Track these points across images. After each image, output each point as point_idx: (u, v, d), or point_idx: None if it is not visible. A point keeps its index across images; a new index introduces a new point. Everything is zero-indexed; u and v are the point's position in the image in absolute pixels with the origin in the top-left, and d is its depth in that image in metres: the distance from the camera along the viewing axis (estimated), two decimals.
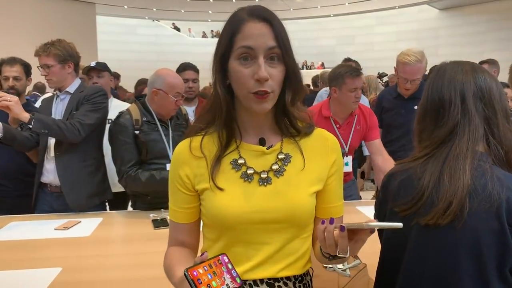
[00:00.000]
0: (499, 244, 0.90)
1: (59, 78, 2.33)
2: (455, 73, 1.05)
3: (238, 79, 0.89)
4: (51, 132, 2.15)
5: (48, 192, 2.37)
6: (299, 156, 0.98)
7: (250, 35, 0.87)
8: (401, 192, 1.04)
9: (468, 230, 0.92)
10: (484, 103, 1.01)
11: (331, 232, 0.82)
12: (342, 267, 1.41)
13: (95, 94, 2.32)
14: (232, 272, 0.82)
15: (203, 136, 0.98)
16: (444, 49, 15.90)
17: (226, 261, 0.83)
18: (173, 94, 2.24)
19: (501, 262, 0.91)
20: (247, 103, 0.91)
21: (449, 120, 1.02)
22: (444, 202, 0.93)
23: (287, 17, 18.71)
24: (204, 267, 0.78)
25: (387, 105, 2.86)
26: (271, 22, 0.88)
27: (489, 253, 0.91)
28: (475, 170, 0.94)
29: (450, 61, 1.12)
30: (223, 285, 0.79)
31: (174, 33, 21.14)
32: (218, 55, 0.92)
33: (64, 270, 1.59)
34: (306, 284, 1.03)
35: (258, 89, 0.87)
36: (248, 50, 0.87)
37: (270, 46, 0.87)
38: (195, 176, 0.97)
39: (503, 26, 15.08)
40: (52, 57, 2.29)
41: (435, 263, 0.98)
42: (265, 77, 0.86)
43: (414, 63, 2.54)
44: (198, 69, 3.15)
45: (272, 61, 0.88)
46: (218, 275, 0.79)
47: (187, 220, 1.02)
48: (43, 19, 9.74)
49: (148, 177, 2.15)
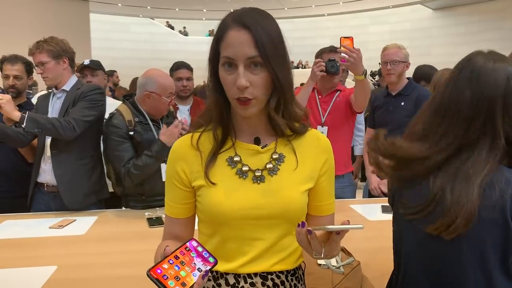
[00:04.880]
0: (502, 237, 0.91)
1: (54, 74, 2.29)
2: (488, 80, 0.96)
3: (224, 85, 0.92)
4: (45, 131, 2.13)
5: (45, 192, 2.35)
6: (292, 156, 1.00)
7: (231, 44, 0.88)
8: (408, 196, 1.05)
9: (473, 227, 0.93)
10: (510, 122, 0.95)
11: (304, 234, 0.85)
12: (336, 265, 1.43)
13: (92, 91, 2.30)
14: (203, 254, 0.82)
15: (201, 132, 1.00)
16: (437, 48, 16.02)
17: (195, 245, 0.82)
18: (166, 95, 2.23)
19: (504, 255, 0.92)
20: (234, 108, 0.94)
21: (470, 132, 0.96)
22: (450, 216, 0.92)
23: (281, 16, 18.74)
24: (169, 261, 0.78)
25: (378, 103, 2.93)
26: (251, 29, 0.88)
27: (493, 244, 0.92)
28: (485, 183, 0.92)
29: (485, 54, 1.01)
30: (194, 271, 0.78)
31: (168, 31, 21.07)
32: (209, 60, 0.95)
33: (59, 268, 1.59)
34: (298, 277, 1.06)
35: (239, 96, 0.89)
36: (230, 60, 0.89)
37: (250, 56, 0.88)
38: (192, 172, 0.99)
39: (495, 26, 15.22)
40: (46, 53, 2.25)
41: (438, 253, 0.99)
42: (242, 85, 0.87)
43: (392, 46, 2.79)
44: (192, 67, 3.14)
45: (255, 68, 0.89)
46: (187, 263, 0.79)
47: (182, 215, 1.03)
48: (35, 17, 9.66)
49: (143, 159, 2.16)
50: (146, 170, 2.19)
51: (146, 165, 2.16)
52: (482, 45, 1.24)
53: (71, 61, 2.36)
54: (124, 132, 2.19)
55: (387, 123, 2.80)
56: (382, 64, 2.80)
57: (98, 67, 3.11)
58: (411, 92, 2.76)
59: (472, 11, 16.19)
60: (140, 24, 20.16)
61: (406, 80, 2.84)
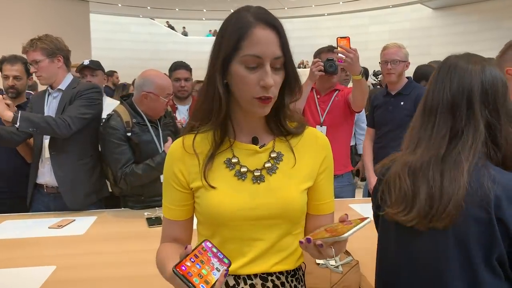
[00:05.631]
0: (486, 234, 0.93)
1: (49, 73, 2.25)
2: (464, 73, 1.03)
3: (242, 84, 0.90)
4: (39, 130, 2.09)
5: (45, 193, 2.33)
6: (290, 154, 1.00)
7: (258, 42, 0.87)
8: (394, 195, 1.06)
9: (458, 222, 0.95)
10: (489, 109, 1.01)
11: (312, 247, 0.86)
12: (335, 264, 1.43)
13: (89, 90, 2.27)
14: (219, 255, 0.84)
15: (195, 134, 0.99)
16: (436, 48, 16.00)
17: (210, 246, 0.84)
18: (164, 95, 2.23)
19: (488, 252, 0.94)
20: (249, 107, 0.92)
21: (457, 122, 1.01)
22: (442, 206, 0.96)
23: (281, 16, 18.65)
24: (190, 259, 0.79)
25: (378, 103, 2.93)
26: (278, 29, 0.89)
27: (477, 241, 0.94)
28: (472, 172, 0.96)
29: (460, 54, 1.09)
30: (213, 270, 0.80)
31: (167, 32, 21.07)
32: (220, 57, 0.91)
33: (58, 268, 1.59)
34: (298, 278, 1.05)
35: (263, 94, 0.89)
36: (256, 58, 0.88)
37: (277, 56, 0.88)
38: (190, 173, 0.98)
39: (495, 25, 15.22)
40: (40, 51, 2.21)
41: (424, 248, 1.02)
42: (271, 84, 0.88)
43: (392, 46, 2.79)
44: (190, 68, 3.13)
45: (276, 68, 0.90)
46: (206, 262, 0.81)
47: (181, 217, 1.03)
48: (35, 17, 9.65)
49: (144, 168, 2.16)
50: (144, 179, 2.20)
51: (145, 174, 2.17)
52: (482, 45, 1.27)
53: (66, 60, 2.33)
54: (122, 134, 2.18)
55: (387, 122, 2.81)
56: (382, 64, 2.81)
57: (97, 67, 3.11)
58: (410, 91, 2.76)
59: (472, 11, 16.19)
60: (140, 24, 20.15)
61: (406, 80, 2.84)
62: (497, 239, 0.93)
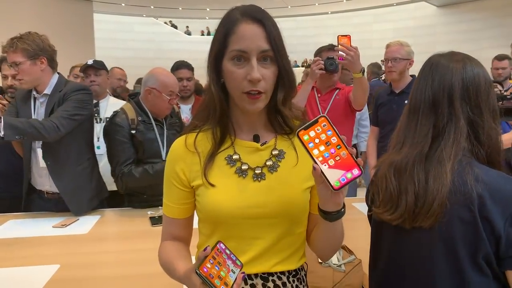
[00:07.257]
0: (471, 233, 0.93)
1: (31, 77, 2.05)
2: (445, 70, 1.04)
3: (231, 79, 0.90)
4: (27, 136, 1.92)
5: (46, 199, 2.28)
6: (292, 152, 0.99)
7: (243, 36, 0.88)
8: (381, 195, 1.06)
9: (443, 222, 0.95)
10: (470, 105, 1.01)
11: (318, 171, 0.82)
12: (337, 263, 1.43)
13: (77, 92, 2.11)
14: (232, 257, 0.85)
15: (197, 133, 1.00)
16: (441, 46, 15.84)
17: (223, 248, 0.85)
18: (166, 92, 2.23)
19: (473, 251, 0.94)
20: (240, 103, 0.93)
21: (439, 120, 1.02)
22: (427, 205, 0.96)
23: (284, 15, 18.71)
24: (210, 261, 0.80)
25: (382, 101, 2.91)
26: (263, 22, 0.89)
27: (461, 240, 0.94)
28: (456, 170, 0.96)
29: (443, 53, 1.11)
30: (230, 272, 0.81)
31: (171, 31, 21.07)
32: (212, 55, 0.93)
33: (62, 267, 1.60)
34: (300, 279, 1.04)
35: (251, 89, 0.89)
36: (241, 53, 0.88)
37: (263, 49, 0.88)
38: (191, 172, 0.98)
39: (499, 23, 15.10)
40: (20, 52, 2.01)
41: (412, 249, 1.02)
42: (257, 78, 0.87)
43: (394, 44, 2.79)
44: (192, 67, 3.13)
45: (265, 62, 0.90)
46: (222, 264, 0.81)
47: (181, 215, 1.03)
48: (39, 17, 9.68)
49: (141, 172, 2.17)
50: (141, 182, 2.20)
51: (142, 179, 2.17)
52: (486, 42, 1.27)
53: (51, 61, 2.13)
54: (126, 132, 2.19)
55: (391, 121, 2.79)
56: (384, 62, 2.80)
57: (101, 67, 3.11)
58: None
59: (476, 8, 16.07)
60: (143, 24, 20.16)
61: (410, 78, 2.82)
62: (482, 239, 0.92)
